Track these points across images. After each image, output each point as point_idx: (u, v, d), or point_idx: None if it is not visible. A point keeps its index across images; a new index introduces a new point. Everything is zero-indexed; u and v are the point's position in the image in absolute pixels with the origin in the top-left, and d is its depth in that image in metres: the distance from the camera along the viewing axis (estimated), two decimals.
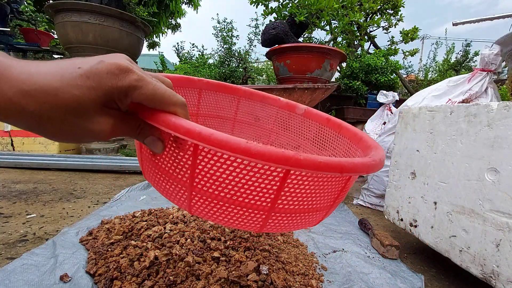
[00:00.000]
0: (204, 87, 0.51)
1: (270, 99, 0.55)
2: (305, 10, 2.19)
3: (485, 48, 1.15)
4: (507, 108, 0.64)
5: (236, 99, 0.54)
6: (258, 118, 0.57)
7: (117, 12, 2.10)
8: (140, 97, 0.25)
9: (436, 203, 0.83)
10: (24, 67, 0.22)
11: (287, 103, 0.55)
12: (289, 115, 0.56)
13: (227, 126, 0.58)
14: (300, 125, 0.56)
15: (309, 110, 0.54)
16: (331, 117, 0.53)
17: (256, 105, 0.56)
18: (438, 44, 6.45)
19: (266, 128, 0.58)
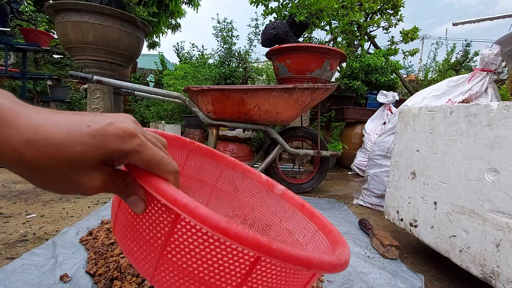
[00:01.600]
0: (193, 150, 0.52)
1: (252, 174, 0.57)
2: (305, 10, 2.18)
3: (485, 48, 1.15)
4: (507, 108, 0.64)
5: (220, 166, 0.56)
6: (237, 189, 0.59)
7: (117, 12, 2.10)
8: (138, 161, 0.26)
9: (436, 203, 0.83)
10: (33, 116, 0.22)
11: (267, 180, 0.57)
12: (267, 192, 0.57)
13: (206, 191, 0.59)
14: (275, 204, 0.57)
15: (286, 192, 0.55)
16: (305, 203, 0.54)
17: (238, 176, 0.57)
18: (438, 44, 6.45)
19: (243, 201, 0.60)
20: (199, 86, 1.39)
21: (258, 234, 0.25)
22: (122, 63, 2.42)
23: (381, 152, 1.54)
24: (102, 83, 1.45)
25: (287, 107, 1.47)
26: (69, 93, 4.34)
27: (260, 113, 1.48)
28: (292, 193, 0.56)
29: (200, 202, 0.58)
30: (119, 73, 2.66)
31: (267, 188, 0.57)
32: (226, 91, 1.38)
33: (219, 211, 0.60)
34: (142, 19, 2.35)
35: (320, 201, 1.62)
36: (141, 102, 5.82)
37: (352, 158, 2.67)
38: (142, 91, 1.51)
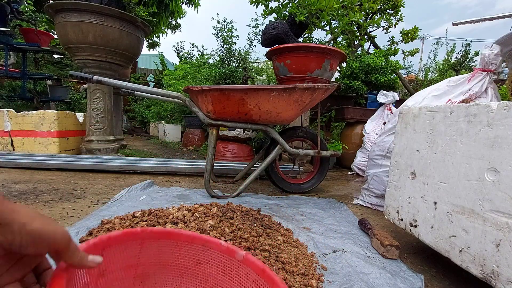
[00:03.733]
0: (146, 237, 0.51)
1: (212, 243, 0.56)
2: (305, 10, 2.19)
3: (485, 48, 1.15)
4: (507, 108, 0.64)
5: (178, 244, 0.55)
6: (200, 262, 0.58)
7: (117, 12, 2.10)
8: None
9: (436, 203, 0.83)
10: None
11: (227, 248, 0.56)
12: (228, 260, 0.57)
13: (168, 272, 0.58)
14: (238, 271, 0.57)
15: (247, 257, 0.55)
16: (266, 268, 0.53)
17: (198, 249, 0.57)
18: (438, 44, 6.45)
19: (207, 273, 0.59)
20: (199, 86, 1.39)
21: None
22: (122, 63, 2.42)
23: (381, 152, 1.54)
24: (102, 83, 1.45)
25: (287, 107, 1.47)
26: (69, 93, 4.34)
27: (260, 113, 1.48)
28: (253, 258, 0.55)
29: (164, 285, 0.56)
30: (119, 73, 2.66)
31: (228, 256, 0.57)
32: (226, 91, 1.38)
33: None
34: (142, 19, 2.35)
35: (320, 201, 1.62)
36: (141, 102, 5.82)
37: (352, 158, 2.67)
38: (142, 91, 1.51)
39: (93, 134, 2.37)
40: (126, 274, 0.51)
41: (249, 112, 1.47)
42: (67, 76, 4.38)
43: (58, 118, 2.29)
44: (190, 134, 4.06)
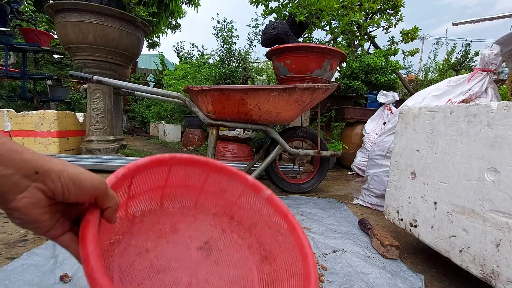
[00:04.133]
0: (175, 164, 0.52)
1: (239, 176, 0.57)
2: (305, 10, 2.18)
3: (485, 48, 1.15)
4: (507, 108, 0.64)
5: (205, 171, 0.56)
6: (224, 190, 0.59)
7: (117, 12, 2.10)
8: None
9: (436, 203, 0.83)
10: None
11: (254, 183, 0.56)
12: (253, 195, 0.57)
13: (193, 194, 0.60)
14: (260, 208, 0.58)
15: (272, 197, 0.55)
16: (289, 213, 0.54)
17: (224, 179, 0.58)
18: (438, 44, 6.45)
19: (230, 200, 0.60)
20: (199, 86, 1.39)
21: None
22: (122, 63, 2.42)
23: (381, 152, 1.54)
24: (102, 83, 1.45)
25: (287, 107, 1.47)
26: (69, 93, 4.34)
27: (260, 113, 1.48)
28: (278, 200, 0.56)
29: (187, 203, 0.59)
30: (119, 73, 2.66)
31: (253, 191, 0.57)
32: (226, 91, 1.38)
33: (207, 209, 0.62)
34: (142, 19, 2.35)
35: (320, 201, 1.62)
36: (141, 102, 5.82)
37: (352, 158, 2.67)
38: (142, 91, 1.51)
39: (93, 134, 2.37)
40: (154, 194, 0.54)
41: (249, 112, 1.47)
42: (67, 76, 4.38)
43: (58, 118, 2.29)
44: (190, 134, 4.06)
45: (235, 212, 0.61)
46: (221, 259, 0.58)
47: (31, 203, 0.28)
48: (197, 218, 0.61)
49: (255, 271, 0.57)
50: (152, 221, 0.55)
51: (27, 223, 0.29)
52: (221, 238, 0.61)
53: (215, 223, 0.62)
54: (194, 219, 0.61)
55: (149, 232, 0.54)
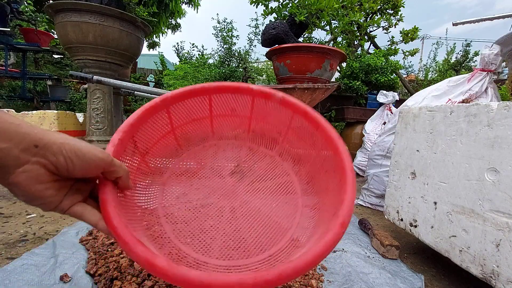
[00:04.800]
0: (171, 103, 0.50)
1: (243, 89, 0.54)
2: (305, 10, 2.18)
3: (485, 48, 1.15)
4: (507, 108, 0.64)
5: (208, 97, 0.54)
6: (234, 109, 0.57)
7: (117, 12, 2.10)
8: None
9: (436, 203, 0.83)
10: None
11: (261, 90, 0.53)
12: (265, 102, 0.55)
13: (205, 126, 0.58)
14: (278, 113, 0.55)
15: (285, 99, 0.52)
16: (308, 109, 0.51)
17: (230, 98, 0.55)
18: (438, 44, 6.45)
19: (244, 116, 0.58)
20: None
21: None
22: (122, 63, 2.42)
23: (381, 152, 1.54)
24: (102, 83, 1.45)
25: None
26: (69, 93, 4.34)
27: None
28: (292, 99, 0.52)
29: (203, 136, 0.59)
30: (119, 73, 2.66)
31: (264, 98, 0.54)
32: None
33: (225, 134, 0.61)
34: (142, 19, 2.35)
35: None
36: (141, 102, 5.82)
37: (352, 158, 2.67)
38: (142, 91, 1.51)
39: (93, 134, 2.37)
40: (166, 141, 0.54)
41: None
42: (67, 76, 4.37)
43: (58, 118, 2.29)
44: None
45: (254, 126, 0.60)
46: (256, 176, 0.58)
47: (31, 177, 0.26)
48: (219, 146, 0.60)
49: (292, 174, 0.57)
50: (177, 165, 0.55)
51: (31, 200, 0.28)
52: (250, 156, 0.60)
53: (239, 144, 0.61)
54: (216, 149, 0.60)
55: (180, 176, 0.55)
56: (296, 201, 0.54)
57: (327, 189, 0.48)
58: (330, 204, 0.45)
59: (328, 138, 0.47)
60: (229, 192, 0.55)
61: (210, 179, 0.56)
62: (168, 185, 0.53)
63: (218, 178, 0.57)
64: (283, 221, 0.52)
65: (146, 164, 0.50)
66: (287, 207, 0.54)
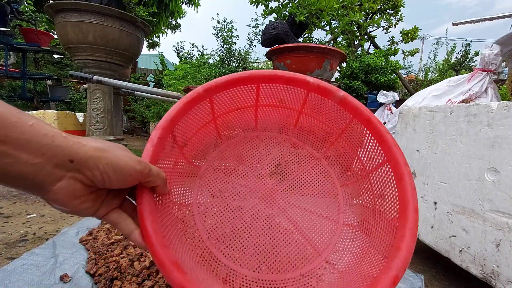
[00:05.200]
0: (217, 91, 0.45)
1: (296, 81, 0.47)
2: (305, 10, 2.19)
3: (485, 48, 1.15)
4: (507, 108, 0.64)
5: (255, 85, 0.48)
6: (284, 100, 0.52)
7: (117, 12, 2.10)
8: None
9: (436, 203, 0.83)
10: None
11: (319, 85, 0.46)
12: (321, 100, 0.48)
13: (249, 114, 0.53)
14: (334, 114, 0.48)
15: (346, 99, 0.45)
16: (372, 117, 0.44)
17: (279, 88, 0.49)
18: (438, 44, 6.45)
19: (294, 109, 0.53)
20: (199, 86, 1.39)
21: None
22: (122, 63, 2.42)
23: None
24: (102, 83, 1.45)
25: None
26: (69, 93, 4.34)
27: None
28: (355, 101, 0.45)
29: (246, 127, 0.56)
30: (119, 73, 2.66)
31: (321, 95, 0.47)
32: None
33: (269, 126, 0.56)
34: (142, 19, 2.35)
35: None
36: (141, 102, 5.82)
37: None
38: (142, 91, 1.51)
39: (93, 134, 2.37)
40: (206, 131, 0.50)
41: None
42: (67, 76, 4.38)
43: (58, 118, 2.29)
44: None
45: (302, 122, 0.54)
46: (297, 180, 0.53)
47: (67, 194, 0.26)
48: (261, 139, 0.56)
49: (338, 184, 0.52)
50: (216, 158, 0.52)
51: (67, 212, 0.28)
52: (293, 155, 0.55)
53: (283, 139, 0.56)
54: (258, 141, 0.56)
55: (217, 172, 0.51)
56: (337, 218, 0.50)
57: (378, 216, 0.43)
58: (380, 240, 0.40)
59: (392, 159, 0.40)
60: (267, 196, 0.52)
61: (248, 178, 0.53)
62: (204, 179, 0.50)
63: (256, 178, 0.53)
64: (320, 238, 0.49)
65: (184, 157, 0.47)
66: (327, 223, 0.50)
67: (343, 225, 0.49)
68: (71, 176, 0.26)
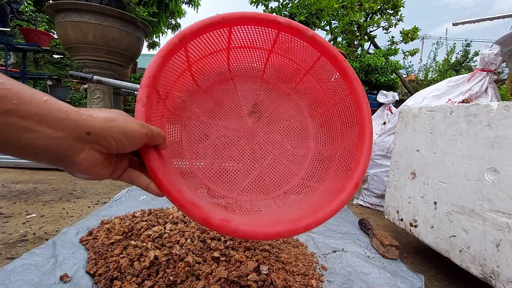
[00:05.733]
0: (191, 39, 0.45)
1: (267, 21, 0.47)
2: (305, 10, 2.19)
3: (485, 48, 1.15)
4: (507, 108, 0.64)
5: (227, 30, 0.48)
6: (254, 41, 0.53)
7: (117, 12, 2.10)
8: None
9: (436, 203, 0.83)
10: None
11: (289, 25, 0.47)
12: (291, 39, 0.50)
13: (222, 58, 0.55)
14: (303, 52, 0.51)
15: (315, 38, 0.48)
16: (338, 55, 0.48)
17: (251, 29, 0.50)
18: (438, 44, 6.45)
19: (264, 49, 0.55)
20: None
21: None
22: (122, 63, 2.42)
23: (381, 152, 1.54)
24: (102, 83, 1.45)
25: None
26: (69, 93, 4.34)
27: None
28: (323, 40, 0.48)
29: (220, 71, 0.58)
30: (119, 73, 2.66)
31: (291, 34, 0.49)
32: None
33: (242, 69, 0.60)
34: (142, 19, 2.35)
35: None
36: None
37: None
38: None
39: None
40: (183, 81, 0.53)
41: None
42: (67, 76, 4.37)
43: None
44: None
45: (273, 60, 0.57)
46: (273, 116, 0.59)
47: (90, 163, 0.28)
48: (235, 81, 0.59)
49: (307, 115, 0.59)
50: (196, 104, 0.56)
51: (89, 178, 0.31)
52: (267, 93, 0.60)
53: (256, 78, 0.60)
54: (233, 84, 0.59)
55: (200, 117, 0.56)
56: (308, 145, 0.58)
57: (341, 140, 0.50)
58: (343, 156, 0.48)
59: (353, 91, 0.47)
60: (249, 133, 0.58)
61: (229, 120, 0.58)
62: (189, 127, 0.54)
63: (237, 119, 0.58)
64: (295, 163, 0.58)
65: (168, 109, 0.49)
66: (300, 150, 0.58)
67: (313, 149, 0.58)
68: (90, 147, 0.28)
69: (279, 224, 0.38)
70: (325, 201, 0.44)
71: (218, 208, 0.48)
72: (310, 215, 0.40)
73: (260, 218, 0.47)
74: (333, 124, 0.55)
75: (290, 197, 0.54)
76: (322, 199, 0.47)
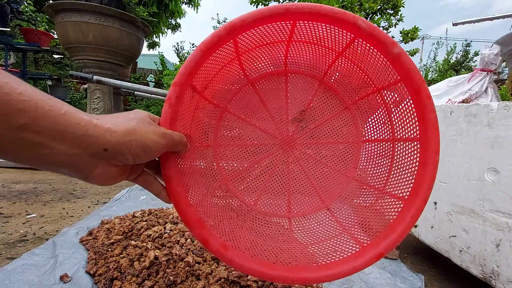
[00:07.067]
0: (243, 31, 0.39)
1: (344, 22, 0.38)
2: None
3: (485, 48, 1.15)
4: (507, 108, 0.64)
5: (290, 24, 0.41)
6: (322, 39, 0.46)
7: (117, 12, 2.10)
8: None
9: (436, 203, 0.83)
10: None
11: (371, 33, 0.38)
12: (369, 49, 0.41)
13: (279, 50, 0.48)
14: (378, 66, 0.42)
15: (401, 58, 0.39)
16: (422, 90, 0.40)
17: (320, 27, 0.42)
18: (438, 44, 6.45)
19: (332, 49, 0.47)
20: None
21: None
22: (122, 63, 2.42)
23: None
24: (102, 83, 1.45)
25: None
26: (69, 93, 4.34)
27: None
28: (410, 61, 0.40)
29: (273, 67, 0.52)
30: (119, 73, 2.66)
31: (371, 44, 0.40)
32: None
33: (298, 68, 0.52)
34: (142, 19, 2.35)
35: None
36: (141, 102, 5.83)
37: None
38: (142, 91, 1.51)
39: None
40: (226, 74, 0.48)
41: None
42: (67, 76, 4.37)
43: None
44: None
45: (340, 64, 0.48)
46: (320, 128, 0.52)
47: (105, 177, 0.29)
48: (290, 78, 0.53)
49: (360, 139, 0.50)
50: (238, 99, 0.51)
51: (104, 185, 0.31)
52: (321, 101, 0.52)
53: (314, 79, 0.52)
54: (284, 84, 0.53)
55: (237, 113, 0.51)
56: (349, 172, 0.51)
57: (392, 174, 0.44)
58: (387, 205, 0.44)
59: (425, 141, 0.39)
60: (286, 142, 0.52)
61: (269, 123, 0.52)
62: (224, 120, 0.50)
63: (278, 123, 0.52)
64: (326, 188, 0.52)
65: (205, 98, 0.46)
66: (337, 175, 0.51)
67: (352, 179, 0.50)
68: (106, 163, 0.28)
69: (277, 268, 0.36)
70: (341, 249, 0.40)
71: (227, 219, 0.44)
72: (316, 269, 0.36)
73: (265, 243, 0.43)
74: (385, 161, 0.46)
75: (307, 222, 0.49)
76: (341, 245, 0.42)
